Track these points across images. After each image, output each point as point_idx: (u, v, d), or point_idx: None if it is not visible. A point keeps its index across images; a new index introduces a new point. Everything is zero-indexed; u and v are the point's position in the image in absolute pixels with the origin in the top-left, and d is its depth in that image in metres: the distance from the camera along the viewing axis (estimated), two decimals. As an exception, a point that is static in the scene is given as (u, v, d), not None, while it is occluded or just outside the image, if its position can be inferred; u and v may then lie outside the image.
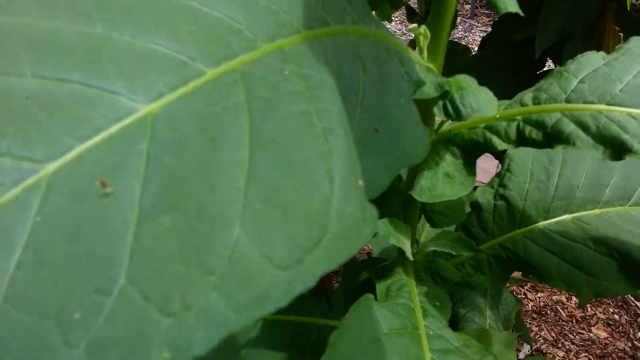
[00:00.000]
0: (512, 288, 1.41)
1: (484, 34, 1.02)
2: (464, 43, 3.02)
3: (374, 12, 1.17)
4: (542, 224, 0.44)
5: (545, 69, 0.98)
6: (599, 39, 0.88)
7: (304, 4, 0.21)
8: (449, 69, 0.36)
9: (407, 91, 0.24)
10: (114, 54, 0.16)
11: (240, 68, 0.18)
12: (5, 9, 0.16)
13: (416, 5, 1.21)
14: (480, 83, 0.31)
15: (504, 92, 0.99)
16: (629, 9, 0.96)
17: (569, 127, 0.29)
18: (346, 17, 0.23)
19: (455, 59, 0.99)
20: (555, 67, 1.00)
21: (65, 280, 0.12)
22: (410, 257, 0.35)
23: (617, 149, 0.28)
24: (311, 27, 0.21)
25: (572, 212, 0.44)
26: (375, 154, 0.19)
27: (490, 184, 0.45)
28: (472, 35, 2.96)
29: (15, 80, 0.14)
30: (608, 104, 0.30)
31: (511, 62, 0.90)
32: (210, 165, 0.14)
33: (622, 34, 0.97)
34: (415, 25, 0.28)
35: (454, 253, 0.36)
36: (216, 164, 0.15)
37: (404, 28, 2.99)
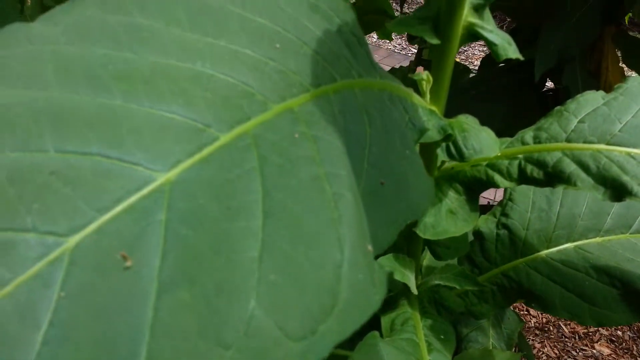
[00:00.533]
0: (514, 304, 1.41)
1: (484, 49, 1.03)
2: (463, 57, 3.04)
3: (375, 32, 1.19)
4: (544, 252, 0.44)
5: (545, 89, 0.99)
6: (597, 61, 0.89)
7: (311, 63, 0.22)
8: (449, 90, 0.36)
9: (411, 140, 0.25)
10: (133, 125, 0.16)
11: (252, 131, 0.18)
12: (27, 84, 0.16)
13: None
14: (481, 104, 0.32)
15: (504, 113, 1.00)
16: (627, 23, 0.97)
17: (570, 167, 0.30)
18: (352, 71, 0.24)
19: (455, 80, 1.00)
20: (556, 87, 1.00)
21: (89, 357, 0.13)
22: (415, 292, 0.35)
23: (617, 191, 0.28)
24: (319, 84, 0.22)
25: (574, 241, 0.45)
26: (381, 208, 0.20)
27: (492, 213, 0.46)
28: (471, 49, 2.98)
29: (39, 156, 0.15)
30: (608, 143, 0.31)
31: (512, 83, 0.91)
32: (226, 235, 0.15)
33: (620, 55, 0.98)
34: (420, 68, 0.29)
35: (458, 287, 0.36)
36: (231, 234, 0.15)
37: (403, 42, 3.01)
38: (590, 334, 1.36)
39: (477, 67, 1.06)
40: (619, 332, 1.36)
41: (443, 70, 0.30)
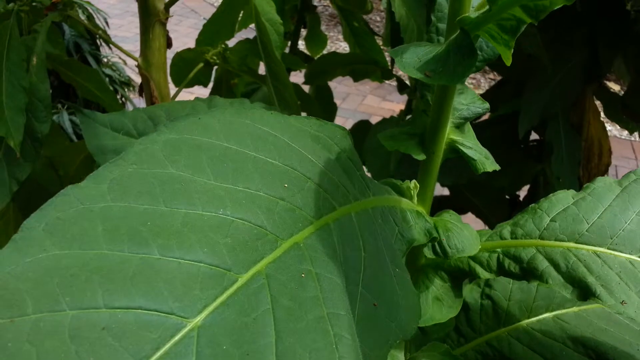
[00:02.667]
0: None
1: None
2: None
3: (368, 78, 1.23)
4: (525, 322, 0.47)
5: (529, 140, 1.03)
6: (580, 115, 0.94)
7: (314, 196, 0.25)
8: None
9: (400, 253, 0.28)
10: (167, 277, 0.20)
11: (265, 270, 0.22)
12: (81, 245, 0.19)
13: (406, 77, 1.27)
14: None
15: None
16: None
17: (543, 264, 0.33)
18: (349, 197, 0.27)
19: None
20: (540, 138, 1.04)
21: None
22: (404, 370, 0.38)
23: (583, 291, 0.32)
24: (321, 215, 0.25)
25: (552, 310, 0.48)
26: (374, 330, 0.23)
27: (476, 283, 0.49)
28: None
29: (93, 313, 0.18)
30: (576, 242, 0.34)
31: (496, 135, 0.95)
32: (246, 380, 0.18)
33: (601, 109, 1.03)
34: (414, 182, 0.32)
35: (443, 365, 0.39)
36: (250, 378, 0.18)
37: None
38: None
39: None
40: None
41: (429, 178, 0.34)
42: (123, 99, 2.09)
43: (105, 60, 2.02)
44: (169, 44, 0.85)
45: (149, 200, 0.21)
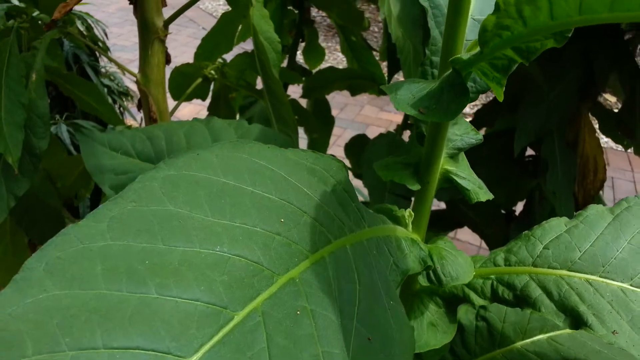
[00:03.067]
0: None
1: (466, 110, 1.08)
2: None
3: (365, 93, 1.24)
4: (519, 344, 0.48)
5: (525, 155, 1.04)
6: (575, 132, 0.95)
7: (310, 230, 0.26)
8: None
9: (395, 285, 0.29)
10: (164, 317, 0.20)
11: (261, 307, 0.22)
12: (81, 285, 0.20)
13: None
14: None
15: (486, 181, 1.04)
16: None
17: (536, 292, 0.34)
18: (344, 229, 0.28)
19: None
20: (537, 154, 1.04)
21: None
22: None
23: (575, 320, 0.32)
24: (316, 248, 0.25)
25: (546, 332, 0.48)
26: (369, 365, 0.24)
27: (472, 305, 0.49)
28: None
29: (93, 353, 0.19)
30: (569, 270, 0.35)
31: (492, 151, 0.96)
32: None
33: (597, 125, 1.03)
34: (409, 211, 0.33)
35: (438, 390, 0.40)
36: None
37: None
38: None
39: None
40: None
41: (423, 206, 0.34)
42: (121, 108, 2.10)
43: (103, 70, 2.03)
44: (167, 60, 0.86)
45: (148, 238, 0.22)
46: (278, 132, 0.73)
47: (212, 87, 1.08)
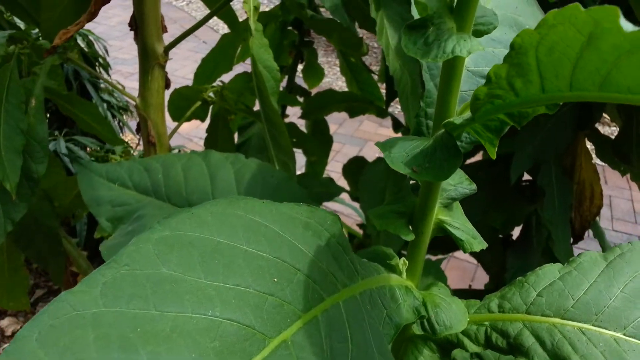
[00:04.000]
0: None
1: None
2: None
3: (363, 115, 1.25)
4: (514, 383, 0.48)
5: (522, 179, 1.04)
6: (572, 158, 0.95)
7: (303, 289, 0.26)
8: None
9: (388, 337, 0.29)
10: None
11: (252, 374, 0.22)
12: (71, 353, 0.20)
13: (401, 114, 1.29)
14: (460, 199, 0.35)
15: (483, 205, 1.04)
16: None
17: (529, 340, 0.34)
18: (337, 285, 0.28)
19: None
20: (534, 179, 1.04)
21: None
22: None
23: (568, 372, 0.32)
24: (309, 307, 0.26)
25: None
26: None
27: (467, 342, 0.49)
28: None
29: None
30: (562, 318, 0.35)
31: (489, 176, 0.96)
32: None
33: (594, 152, 1.04)
34: (403, 260, 0.33)
35: None
36: None
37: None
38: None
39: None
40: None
41: (417, 254, 0.34)
42: (120, 123, 2.10)
43: (103, 86, 2.04)
44: (167, 85, 0.86)
45: (140, 303, 0.22)
46: (275, 159, 0.73)
47: (211, 108, 1.09)
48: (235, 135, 1.24)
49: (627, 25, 0.16)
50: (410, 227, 0.33)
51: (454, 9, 0.25)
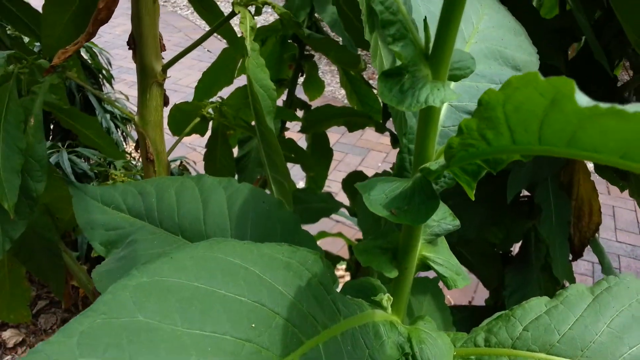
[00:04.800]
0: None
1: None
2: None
3: (362, 129, 1.25)
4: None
5: (520, 195, 1.04)
6: (570, 176, 0.95)
7: (282, 333, 0.26)
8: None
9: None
10: None
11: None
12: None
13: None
14: (458, 213, 0.35)
15: (481, 221, 1.03)
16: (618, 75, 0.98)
17: (514, 376, 0.34)
18: (317, 327, 0.28)
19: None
20: (532, 195, 1.04)
21: None
22: None
23: (551, 410, 0.32)
24: (288, 352, 0.26)
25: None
26: None
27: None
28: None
29: None
30: (548, 353, 0.35)
31: (487, 192, 0.96)
32: None
33: (593, 168, 1.03)
34: (388, 296, 0.33)
35: None
36: None
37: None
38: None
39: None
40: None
41: (402, 290, 0.34)
42: (124, 134, 2.11)
43: (107, 96, 2.05)
44: (165, 102, 0.87)
45: (116, 353, 0.22)
46: (271, 178, 0.73)
47: (210, 123, 1.09)
48: (236, 149, 1.25)
49: (581, 100, 0.16)
50: (395, 263, 0.33)
51: (430, 56, 0.25)
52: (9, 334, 1.59)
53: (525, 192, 1.05)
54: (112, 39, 4.02)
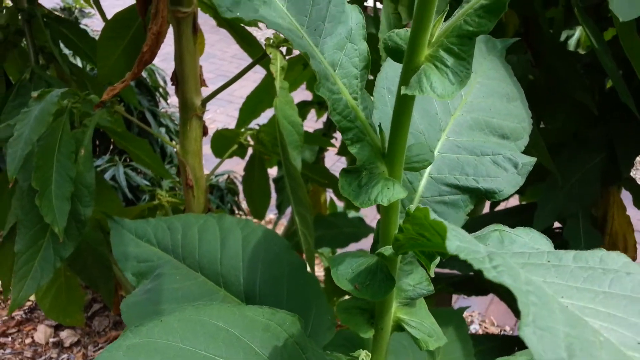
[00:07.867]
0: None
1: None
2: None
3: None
4: None
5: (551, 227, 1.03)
6: (604, 210, 0.94)
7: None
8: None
9: None
10: None
11: None
12: None
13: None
14: None
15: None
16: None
17: None
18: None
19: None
20: (562, 229, 1.03)
21: None
22: None
23: None
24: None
25: None
26: None
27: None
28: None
29: None
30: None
31: (518, 224, 0.96)
32: None
33: (632, 199, 1.01)
34: (366, 352, 0.36)
35: None
36: None
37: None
38: None
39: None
40: None
41: (380, 347, 0.37)
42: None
43: (162, 111, 2.16)
44: (204, 132, 0.93)
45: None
46: (295, 211, 0.77)
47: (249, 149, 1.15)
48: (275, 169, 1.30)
49: (451, 246, 0.19)
50: (372, 323, 0.36)
51: (385, 154, 0.28)
52: (65, 334, 1.71)
53: (558, 224, 1.04)
54: (168, 56, 4.20)
